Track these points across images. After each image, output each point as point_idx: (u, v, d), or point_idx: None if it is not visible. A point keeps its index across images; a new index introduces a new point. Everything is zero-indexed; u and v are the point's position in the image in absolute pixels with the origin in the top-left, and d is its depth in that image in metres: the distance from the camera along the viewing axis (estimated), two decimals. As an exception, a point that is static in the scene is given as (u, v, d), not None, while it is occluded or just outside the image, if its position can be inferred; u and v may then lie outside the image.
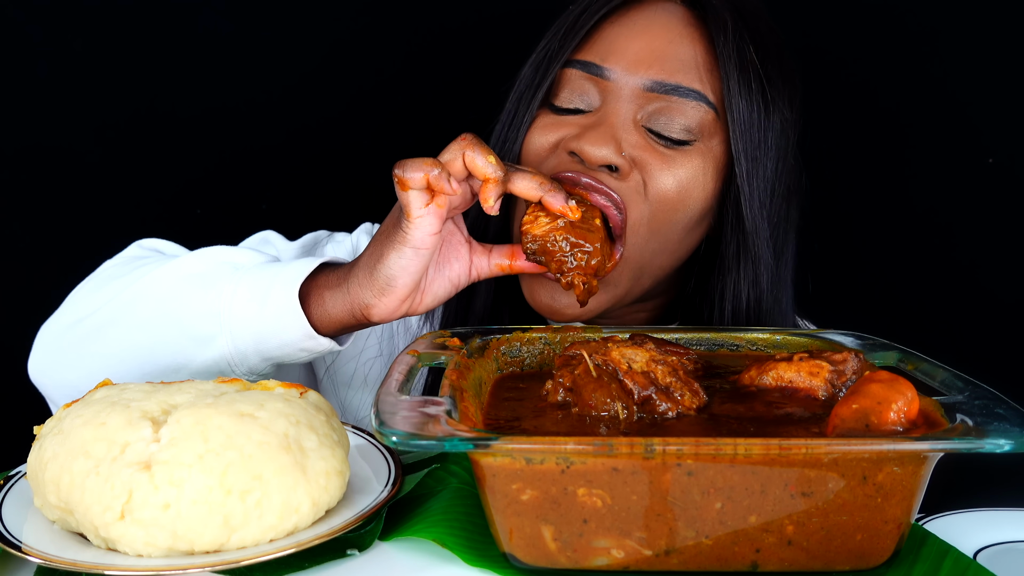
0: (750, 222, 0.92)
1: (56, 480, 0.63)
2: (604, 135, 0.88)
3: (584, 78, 0.92)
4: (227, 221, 1.48)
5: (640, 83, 0.90)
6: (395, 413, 0.58)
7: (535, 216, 0.85)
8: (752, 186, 0.91)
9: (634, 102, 0.90)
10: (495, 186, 0.80)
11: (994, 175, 1.45)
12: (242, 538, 0.61)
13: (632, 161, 0.89)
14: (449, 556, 0.63)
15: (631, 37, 0.92)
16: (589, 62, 0.92)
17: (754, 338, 0.82)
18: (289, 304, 0.82)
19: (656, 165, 0.89)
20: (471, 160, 0.79)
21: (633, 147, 0.89)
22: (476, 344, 0.77)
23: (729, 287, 0.95)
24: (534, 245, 0.85)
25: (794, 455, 0.55)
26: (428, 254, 0.81)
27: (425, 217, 0.79)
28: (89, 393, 0.70)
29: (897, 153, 1.47)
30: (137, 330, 0.87)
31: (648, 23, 0.92)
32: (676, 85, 0.90)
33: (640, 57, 0.90)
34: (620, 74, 0.91)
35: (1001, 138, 1.44)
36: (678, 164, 0.90)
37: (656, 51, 0.91)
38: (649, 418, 0.65)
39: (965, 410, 0.59)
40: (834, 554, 0.58)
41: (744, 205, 0.91)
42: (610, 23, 0.93)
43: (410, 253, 0.80)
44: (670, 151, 0.90)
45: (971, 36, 1.43)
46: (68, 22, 1.38)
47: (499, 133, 0.98)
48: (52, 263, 1.42)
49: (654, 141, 0.90)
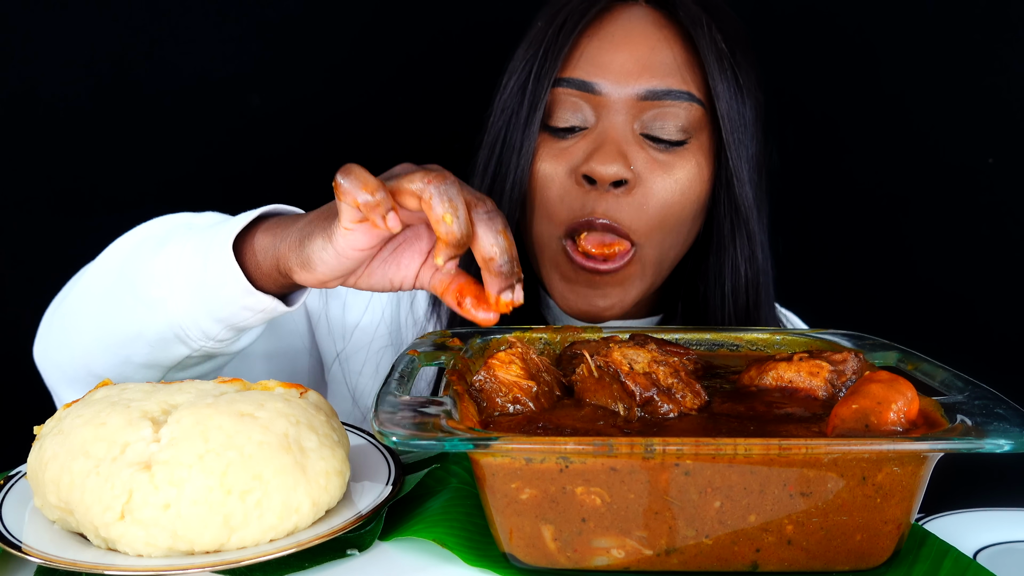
0: (743, 201, 0.97)
1: (56, 480, 0.63)
2: (611, 153, 0.91)
3: (576, 96, 0.94)
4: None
5: (632, 93, 0.93)
6: (395, 413, 0.58)
7: (509, 361, 0.69)
8: (741, 168, 0.96)
9: (629, 113, 0.94)
10: (449, 249, 0.67)
11: (994, 175, 1.45)
12: (242, 538, 0.61)
13: (637, 174, 0.93)
14: (449, 556, 0.63)
15: (614, 50, 0.94)
16: (578, 80, 0.94)
17: (754, 338, 0.82)
18: (224, 256, 0.77)
19: (659, 173, 0.93)
20: (430, 206, 0.66)
21: (636, 159, 0.93)
22: (476, 344, 0.77)
23: (727, 265, 0.99)
24: (485, 383, 0.68)
25: (794, 455, 0.55)
26: (352, 262, 0.73)
27: (354, 232, 0.70)
28: (89, 393, 0.70)
29: (897, 152, 1.47)
30: (100, 300, 0.85)
31: (626, 33, 0.95)
32: (667, 89, 0.93)
33: (627, 68, 0.93)
34: (611, 87, 0.93)
35: (1001, 138, 1.44)
36: (678, 166, 0.94)
37: (641, 60, 0.94)
38: (651, 419, 0.65)
39: (965, 410, 0.59)
40: (834, 554, 0.58)
41: (736, 187, 0.96)
42: (587, 37, 0.95)
43: (332, 252, 0.72)
44: (668, 154, 0.94)
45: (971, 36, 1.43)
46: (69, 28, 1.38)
47: (490, 160, 0.98)
48: (52, 263, 1.42)
49: (652, 147, 0.94)
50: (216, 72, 1.44)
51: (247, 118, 1.46)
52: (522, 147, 0.95)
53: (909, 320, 1.46)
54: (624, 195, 0.93)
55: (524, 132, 0.95)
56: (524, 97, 0.96)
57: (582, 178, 0.93)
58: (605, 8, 0.97)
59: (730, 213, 0.98)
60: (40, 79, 1.38)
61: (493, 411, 0.65)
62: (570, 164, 0.94)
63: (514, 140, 0.96)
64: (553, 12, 0.98)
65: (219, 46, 1.43)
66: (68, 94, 1.40)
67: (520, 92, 0.96)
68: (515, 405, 0.65)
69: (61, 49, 1.38)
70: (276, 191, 1.49)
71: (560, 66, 0.95)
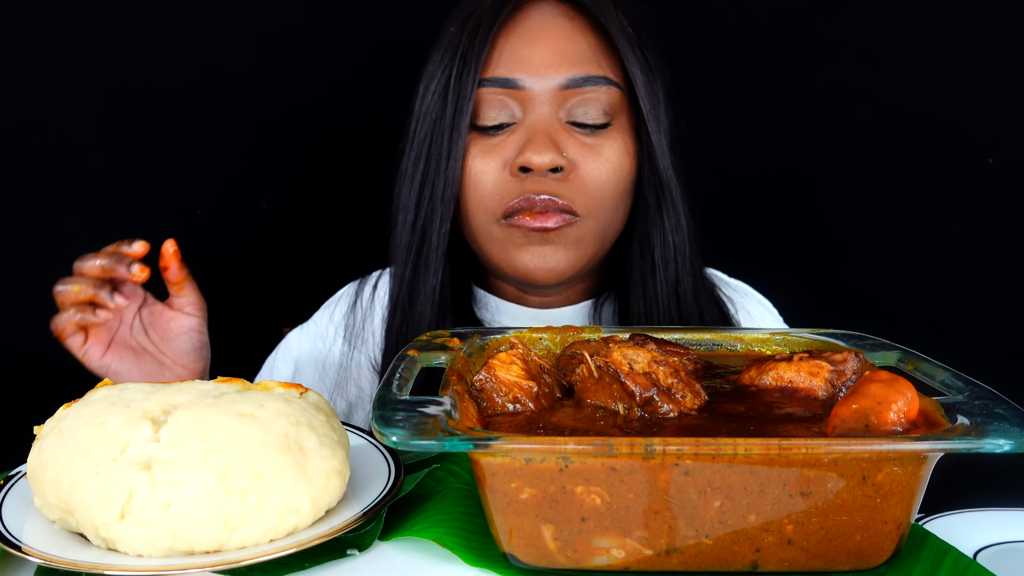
0: (665, 173, 1.02)
1: (56, 480, 0.63)
2: (544, 142, 0.96)
3: (500, 93, 0.99)
4: (227, 221, 1.48)
5: (554, 84, 0.98)
6: (395, 413, 0.58)
7: (510, 362, 0.69)
8: (661, 142, 1.02)
9: (553, 103, 0.98)
10: (102, 296, 0.93)
11: (994, 174, 1.45)
12: (242, 538, 0.61)
13: (570, 160, 0.98)
14: (449, 556, 0.63)
15: (531, 45, 0.99)
16: (502, 78, 0.99)
17: (754, 338, 0.82)
18: None
19: (590, 156, 0.99)
20: (79, 295, 0.91)
21: (567, 146, 0.97)
22: (476, 344, 0.77)
23: (656, 236, 1.05)
24: (486, 383, 0.67)
25: (794, 455, 0.55)
26: (114, 373, 0.96)
27: (88, 347, 0.95)
28: (89, 393, 0.70)
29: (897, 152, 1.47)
30: None
31: (540, 28, 1.00)
32: (587, 76, 0.98)
33: (547, 61, 0.98)
34: (534, 81, 0.98)
35: (1001, 138, 1.44)
36: (606, 147, 1.00)
37: (558, 51, 0.99)
38: (651, 419, 0.65)
39: (965, 410, 0.59)
40: (834, 554, 0.58)
41: (658, 160, 1.02)
42: (503, 36, 1.00)
43: (97, 369, 0.95)
44: (595, 137, 1.00)
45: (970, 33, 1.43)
46: (68, 26, 1.38)
47: (418, 165, 1.02)
48: (52, 264, 1.42)
49: (579, 132, 0.99)
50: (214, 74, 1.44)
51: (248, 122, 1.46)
52: (451, 150, 0.99)
53: (909, 320, 1.46)
54: (562, 180, 0.97)
55: (451, 135, 0.99)
56: (447, 101, 0.99)
57: (518, 170, 0.97)
58: (516, 7, 1.01)
59: (655, 186, 1.03)
60: (40, 79, 1.38)
61: (493, 411, 0.65)
62: (503, 158, 0.99)
63: (441, 144, 1.00)
64: (464, 16, 1.01)
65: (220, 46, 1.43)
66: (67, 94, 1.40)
67: (442, 97, 1.00)
68: (515, 405, 0.65)
69: (61, 50, 1.38)
70: (276, 191, 1.50)
71: (481, 67, 0.98)
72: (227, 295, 1.48)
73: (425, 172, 1.01)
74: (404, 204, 1.03)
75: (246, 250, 1.49)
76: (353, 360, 1.12)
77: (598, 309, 1.11)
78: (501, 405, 0.65)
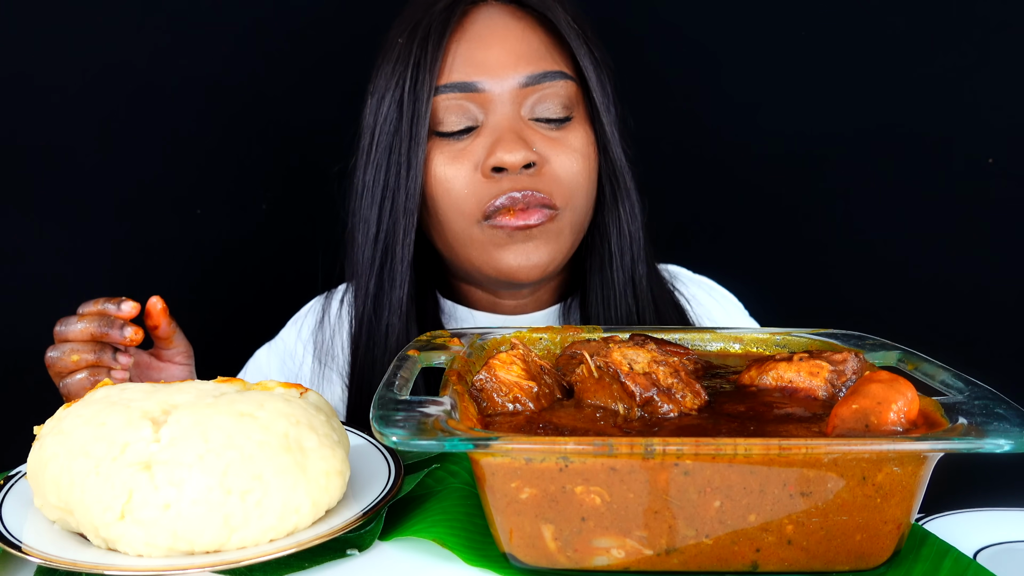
0: (618, 163, 1.05)
1: (56, 480, 0.63)
2: (513, 140, 0.97)
3: (460, 98, 0.99)
4: (227, 221, 1.48)
5: (514, 83, 0.99)
6: (395, 413, 0.58)
7: (511, 362, 0.69)
8: (613, 133, 1.04)
9: (515, 102, 0.99)
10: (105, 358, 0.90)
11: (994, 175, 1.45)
12: (242, 538, 0.61)
13: (541, 155, 0.99)
14: (449, 556, 0.63)
15: (484, 48, 1.00)
16: (460, 82, 0.99)
17: (754, 338, 0.82)
18: None
19: (558, 149, 1.00)
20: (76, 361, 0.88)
21: (535, 142, 0.99)
22: (476, 344, 0.77)
23: (613, 224, 1.06)
24: (486, 383, 0.68)
25: (794, 455, 0.55)
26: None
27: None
28: (89, 393, 0.70)
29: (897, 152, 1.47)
30: None
31: (491, 30, 1.01)
32: (544, 72, 1.00)
33: (503, 61, 0.99)
34: (493, 83, 0.99)
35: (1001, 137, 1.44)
36: (571, 139, 1.01)
37: (512, 51, 0.99)
38: (651, 419, 0.65)
39: (965, 410, 0.59)
40: (834, 554, 0.58)
41: (612, 151, 1.04)
42: (454, 42, 1.00)
43: None
44: (559, 131, 1.01)
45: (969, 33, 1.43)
46: (68, 25, 1.38)
47: (377, 178, 1.01)
48: (52, 264, 1.42)
49: (543, 128, 1.00)
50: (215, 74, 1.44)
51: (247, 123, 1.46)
52: (411, 161, 0.99)
53: (909, 320, 1.46)
54: (536, 175, 0.98)
55: (411, 145, 0.99)
56: (402, 112, 0.99)
57: (491, 171, 0.97)
58: (463, 12, 1.01)
59: (609, 176, 1.05)
60: (39, 81, 1.38)
61: (493, 411, 0.65)
62: (472, 162, 0.99)
63: (400, 155, 0.99)
64: (409, 26, 1.01)
65: (218, 48, 1.43)
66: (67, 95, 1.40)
67: (398, 108, 1.00)
68: (515, 405, 0.65)
69: (60, 49, 1.38)
70: (276, 191, 1.50)
71: (436, 74, 0.98)
72: (227, 295, 1.48)
73: (385, 184, 1.01)
74: (364, 217, 1.02)
75: (246, 250, 1.49)
76: (324, 377, 1.11)
77: (567, 312, 1.11)
78: (501, 405, 0.65)
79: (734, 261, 1.29)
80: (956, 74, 1.43)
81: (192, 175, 1.46)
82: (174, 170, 1.45)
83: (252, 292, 1.49)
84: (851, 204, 1.49)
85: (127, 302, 0.88)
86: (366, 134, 1.03)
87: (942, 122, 1.44)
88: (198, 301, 1.42)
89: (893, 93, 1.45)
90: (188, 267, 1.47)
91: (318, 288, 1.22)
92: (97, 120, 1.41)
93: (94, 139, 1.42)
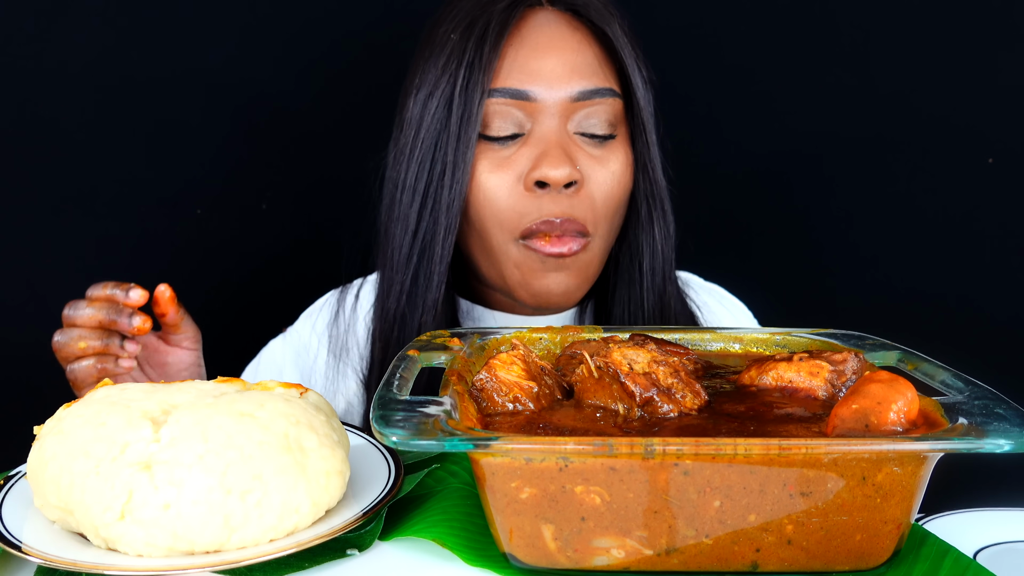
0: (659, 183, 1.04)
1: (56, 480, 0.63)
2: (560, 156, 0.96)
3: (510, 104, 0.97)
4: (227, 221, 1.48)
5: (565, 96, 0.97)
6: (395, 413, 0.58)
7: (511, 362, 0.69)
8: (655, 152, 1.04)
9: (564, 115, 0.98)
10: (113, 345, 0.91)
11: (994, 175, 1.45)
12: (242, 538, 0.61)
13: (583, 173, 0.98)
14: (449, 556, 0.63)
15: (541, 56, 0.98)
16: (512, 88, 0.97)
17: (754, 338, 0.82)
18: None
19: (598, 168, 0.99)
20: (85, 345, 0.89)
21: (579, 158, 0.97)
22: (476, 344, 0.77)
23: (647, 244, 1.06)
24: (487, 383, 0.68)
25: (794, 455, 0.55)
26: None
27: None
28: (89, 393, 0.70)
29: (897, 152, 1.47)
30: None
31: (548, 38, 0.99)
32: (595, 88, 0.98)
33: (557, 73, 0.97)
34: (545, 93, 0.97)
35: (1001, 138, 1.44)
36: (612, 159, 1.00)
37: (568, 63, 0.98)
38: (651, 419, 0.65)
39: (965, 410, 0.59)
40: (834, 554, 0.58)
41: (652, 171, 1.04)
42: (510, 45, 0.98)
43: None
44: (601, 149, 1.00)
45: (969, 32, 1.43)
46: (68, 25, 1.38)
47: (420, 176, 0.99)
48: (52, 264, 1.42)
49: (586, 143, 0.99)
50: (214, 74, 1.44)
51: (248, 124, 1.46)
52: (458, 161, 0.97)
53: (909, 320, 1.46)
54: (574, 194, 0.97)
55: (458, 146, 0.97)
56: (451, 111, 0.97)
57: (534, 185, 0.96)
58: (520, 15, 1.00)
59: (647, 195, 1.04)
60: (40, 80, 1.38)
61: (493, 411, 0.65)
62: (516, 172, 0.97)
63: (447, 155, 0.98)
64: (463, 22, 0.99)
65: (218, 47, 1.43)
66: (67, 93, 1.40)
67: (447, 107, 0.98)
68: (515, 405, 0.65)
69: (60, 49, 1.38)
70: (276, 191, 1.50)
71: (491, 77, 0.97)
72: (227, 295, 1.48)
73: (428, 182, 0.99)
74: (404, 214, 1.01)
75: (246, 250, 1.49)
76: (339, 372, 1.11)
77: (582, 317, 1.11)
78: (501, 405, 0.65)
79: (734, 261, 1.29)
80: (957, 74, 1.43)
81: (192, 175, 1.46)
82: (174, 170, 1.45)
83: (252, 292, 1.49)
84: (851, 205, 1.49)
85: (135, 289, 0.88)
86: (409, 129, 1.01)
87: (942, 122, 1.45)
88: (198, 302, 1.42)
89: (893, 95, 1.45)
90: (187, 265, 1.47)
91: (318, 288, 1.22)
92: (97, 120, 1.41)
93: (94, 139, 1.42)
